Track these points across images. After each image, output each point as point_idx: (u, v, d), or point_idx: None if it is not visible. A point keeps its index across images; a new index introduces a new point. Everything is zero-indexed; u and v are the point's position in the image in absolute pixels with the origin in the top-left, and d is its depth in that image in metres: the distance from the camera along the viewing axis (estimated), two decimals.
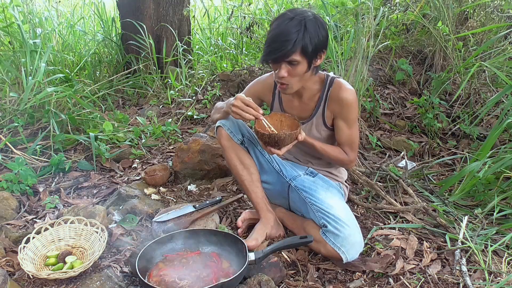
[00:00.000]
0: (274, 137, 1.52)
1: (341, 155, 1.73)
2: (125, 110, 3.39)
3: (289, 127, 1.67)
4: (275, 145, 1.55)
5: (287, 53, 1.47)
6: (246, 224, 1.90)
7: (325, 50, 1.56)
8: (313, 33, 1.47)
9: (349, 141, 1.71)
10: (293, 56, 1.48)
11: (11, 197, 2.01)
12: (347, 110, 1.66)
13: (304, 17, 1.48)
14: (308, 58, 1.50)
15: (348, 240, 1.58)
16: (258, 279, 1.47)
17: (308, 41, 1.46)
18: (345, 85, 1.66)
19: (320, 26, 1.50)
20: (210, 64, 3.78)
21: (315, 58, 1.54)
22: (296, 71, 1.52)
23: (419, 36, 3.53)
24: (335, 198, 1.72)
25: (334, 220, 1.61)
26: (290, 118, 1.67)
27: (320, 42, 1.50)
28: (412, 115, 3.13)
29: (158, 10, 3.68)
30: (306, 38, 1.45)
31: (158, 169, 2.28)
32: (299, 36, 1.45)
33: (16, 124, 2.47)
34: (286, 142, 1.55)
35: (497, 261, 1.67)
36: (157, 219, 1.84)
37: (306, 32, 1.45)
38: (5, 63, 2.80)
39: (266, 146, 1.58)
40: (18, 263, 1.58)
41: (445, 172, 2.61)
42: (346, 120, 1.68)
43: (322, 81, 1.70)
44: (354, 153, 1.74)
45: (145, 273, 1.51)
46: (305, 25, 1.46)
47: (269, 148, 1.57)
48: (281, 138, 1.52)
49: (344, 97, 1.64)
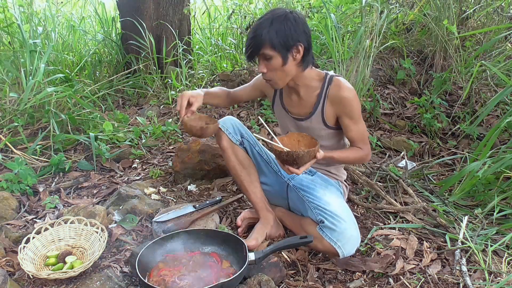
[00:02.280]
0: (292, 155, 1.47)
1: (358, 154, 1.73)
2: (125, 110, 3.39)
3: (307, 146, 1.63)
4: (294, 163, 1.50)
5: (256, 47, 1.56)
6: (246, 223, 1.90)
7: (300, 44, 1.57)
8: (279, 27, 1.53)
9: (360, 136, 1.72)
10: (263, 50, 1.55)
11: (11, 197, 2.01)
12: (350, 107, 1.67)
13: (273, 14, 1.56)
14: (280, 51, 1.55)
15: (344, 235, 1.58)
16: (258, 279, 1.47)
17: (274, 34, 1.53)
18: (344, 83, 1.67)
19: (289, 21, 1.54)
20: (210, 64, 3.78)
21: (289, 51, 1.56)
22: (271, 65, 1.59)
23: (419, 36, 3.53)
24: (333, 195, 1.73)
25: (331, 215, 1.62)
26: (308, 137, 1.64)
27: (290, 35, 1.54)
28: (412, 115, 3.13)
29: (158, 10, 3.68)
30: (271, 32, 1.53)
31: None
32: (264, 31, 1.53)
33: (16, 124, 2.47)
34: (305, 160, 1.50)
35: (497, 261, 1.67)
36: (157, 219, 1.84)
37: (271, 26, 1.53)
38: (5, 63, 2.80)
39: (284, 164, 1.54)
40: (18, 263, 1.58)
41: (445, 172, 2.61)
42: (351, 117, 1.69)
43: (321, 79, 1.70)
44: (367, 146, 1.75)
45: (145, 273, 1.51)
46: (271, 21, 1.54)
47: (287, 167, 1.53)
48: (299, 156, 1.47)
49: (344, 95, 1.65)
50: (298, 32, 1.55)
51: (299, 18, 1.57)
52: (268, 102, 3.04)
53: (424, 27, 3.51)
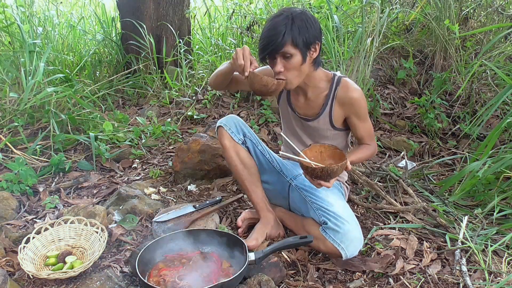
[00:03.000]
0: (327, 170, 1.46)
1: (370, 151, 1.77)
2: (125, 110, 3.39)
3: (330, 157, 1.62)
4: (327, 178, 1.50)
5: (278, 45, 1.51)
6: (246, 223, 1.90)
7: (318, 42, 1.58)
8: (300, 24, 1.51)
9: (367, 133, 1.76)
10: (285, 48, 1.52)
11: (11, 197, 2.01)
12: (358, 108, 1.69)
13: (291, 12, 1.54)
14: (301, 49, 1.53)
15: (347, 236, 1.58)
16: (258, 279, 1.47)
17: (297, 32, 1.51)
18: (352, 84, 1.69)
19: (308, 19, 1.54)
20: (210, 64, 3.77)
21: (309, 49, 1.56)
22: (291, 64, 1.55)
23: (419, 36, 3.53)
24: (335, 196, 1.73)
25: (334, 217, 1.62)
26: (330, 148, 1.63)
27: (310, 33, 1.54)
28: (412, 115, 3.13)
29: (158, 10, 3.68)
30: (294, 29, 1.50)
31: None
32: (287, 28, 1.50)
33: (16, 124, 2.47)
34: (338, 173, 1.50)
35: (497, 261, 1.67)
36: (157, 219, 1.84)
37: (293, 24, 1.51)
38: (5, 63, 2.80)
39: (316, 180, 1.53)
40: (18, 263, 1.58)
41: (445, 172, 2.61)
42: (359, 116, 1.71)
43: (329, 80, 1.71)
44: (374, 141, 1.79)
45: (145, 273, 1.51)
46: (292, 19, 1.52)
47: (319, 181, 1.52)
48: (333, 171, 1.47)
49: (352, 96, 1.67)
50: (317, 30, 1.57)
51: (313, 17, 1.58)
52: (268, 102, 3.04)
53: (425, 27, 3.51)
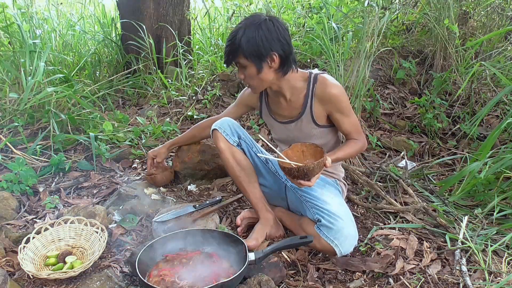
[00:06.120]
0: (303, 169, 1.46)
1: (357, 145, 1.75)
2: (125, 110, 3.39)
3: (312, 155, 1.61)
4: (305, 177, 1.49)
5: (232, 56, 1.59)
6: (245, 222, 1.90)
7: (274, 53, 1.56)
8: (251, 36, 1.53)
9: (353, 128, 1.74)
10: (237, 59, 1.59)
11: (11, 197, 2.01)
12: (339, 103, 1.68)
13: (247, 23, 1.56)
14: (253, 60, 1.56)
15: (341, 233, 1.59)
16: (258, 279, 1.47)
17: (245, 44, 1.54)
18: (330, 80, 1.68)
19: (260, 30, 1.53)
20: (210, 64, 3.77)
21: (263, 60, 1.57)
22: (248, 73, 1.62)
23: (419, 36, 3.53)
24: (330, 194, 1.74)
25: (327, 214, 1.63)
26: (311, 146, 1.62)
27: (264, 45, 1.54)
28: (412, 115, 3.13)
29: (158, 10, 3.68)
30: (243, 41, 1.54)
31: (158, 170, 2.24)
32: (236, 41, 1.55)
33: (16, 124, 2.47)
34: (316, 172, 1.49)
35: (497, 261, 1.67)
36: (157, 219, 1.84)
37: (243, 36, 1.54)
38: (5, 63, 2.80)
39: (296, 179, 1.52)
40: (18, 263, 1.58)
41: (445, 172, 2.61)
42: (342, 112, 1.70)
43: (305, 79, 1.71)
44: (362, 136, 1.78)
45: (145, 273, 1.51)
46: (244, 30, 1.54)
47: (299, 181, 1.51)
48: (310, 169, 1.46)
49: (331, 92, 1.66)
50: (270, 41, 1.55)
51: (274, 26, 1.55)
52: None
53: (424, 27, 3.51)
